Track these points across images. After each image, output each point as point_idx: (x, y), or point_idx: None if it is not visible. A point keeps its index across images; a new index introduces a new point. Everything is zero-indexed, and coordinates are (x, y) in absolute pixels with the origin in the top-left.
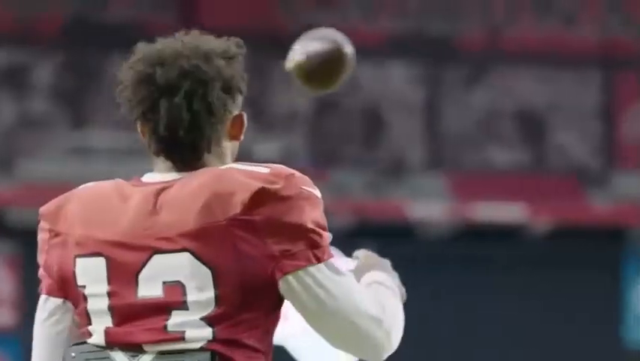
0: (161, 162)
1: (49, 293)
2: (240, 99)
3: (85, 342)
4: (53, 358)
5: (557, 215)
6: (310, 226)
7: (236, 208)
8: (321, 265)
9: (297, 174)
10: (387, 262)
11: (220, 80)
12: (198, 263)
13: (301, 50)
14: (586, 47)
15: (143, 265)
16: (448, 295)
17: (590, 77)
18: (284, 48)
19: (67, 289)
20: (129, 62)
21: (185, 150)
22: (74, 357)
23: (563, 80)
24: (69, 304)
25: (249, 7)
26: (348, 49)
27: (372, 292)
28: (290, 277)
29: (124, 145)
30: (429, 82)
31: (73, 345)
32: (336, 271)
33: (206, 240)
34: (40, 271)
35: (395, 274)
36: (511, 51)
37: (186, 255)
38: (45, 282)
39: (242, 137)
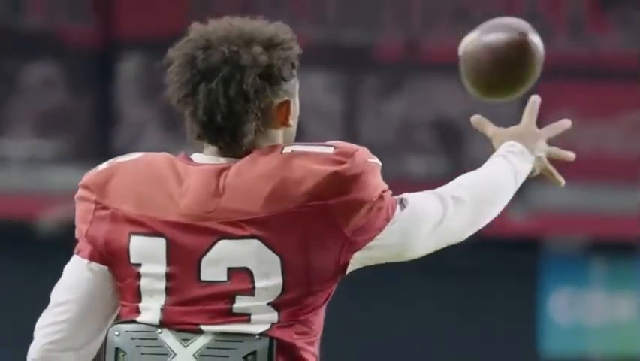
0: (205, 147)
1: (92, 259)
2: (286, 86)
3: (133, 321)
4: (92, 311)
5: None
6: (377, 195)
7: (307, 195)
8: (388, 225)
9: (360, 148)
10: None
11: (257, 67)
12: (267, 250)
13: (478, 42)
14: None
15: (208, 249)
16: (359, 303)
17: None
18: None
19: (115, 263)
20: (180, 42)
21: (225, 135)
22: (118, 335)
23: None
24: (111, 274)
25: (167, 16)
26: (536, 39)
27: (454, 186)
28: (361, 253)
29: (40, 154)
30: (346, 91)
31: (118, 323)
32: (401, 217)
33: (276, 227)
34: (80, 237)
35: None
36: (428, 61)
37: (255, 242)
38: (87, 249)
39: (292, 123)
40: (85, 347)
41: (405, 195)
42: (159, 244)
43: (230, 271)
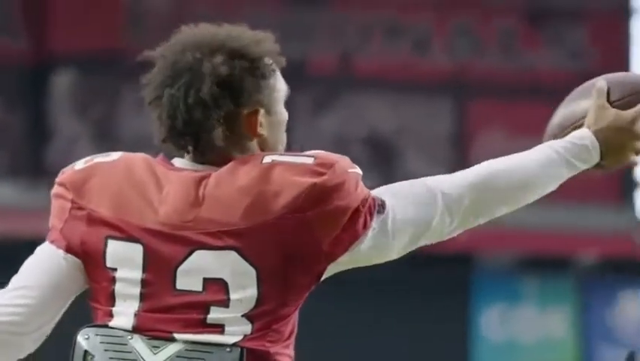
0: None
1: (68, 251)
2: (257, 96)
3: (104, 325)
4: (54, 300)
5: None
6: (356, 205)
7: (285, 207)
8: (365, 235)
9: (340, 158)
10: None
11: (215, 76)
12: (243, 262)
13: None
14: (437, 72)
15: (184, 258)
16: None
17: (441, 103)
18: (134, 72)
19: (90, 264)
20: (166, 44)
21: (187, 141)
22: (87, 338)
23: (414, 106)
24: (83, 268)
25: (100, 31)
26: None
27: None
28: (336, 261)
29: None
30: None
31: (88, 327)
32: (378, 225)
33: (254, 239)
34: (54, 231)
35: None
36: (362, 76)
37: (232, 253)
38: (62, 241)
39: (263, 133)
40: (37, 331)
41: (388, 199)
42: (136, 250)
43: (206, 281)
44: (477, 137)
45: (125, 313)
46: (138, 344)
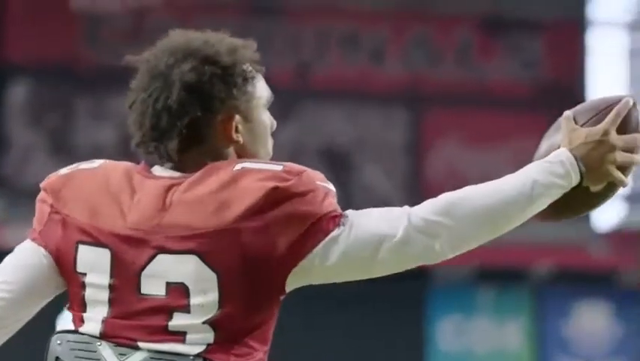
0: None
1: (47, 252)
2: (231, 102)
3: (76, 330)
4: (32, 295)
5: None
6: (317, 216)
7: (246, 210)
8: (322, 246)
9: (310, 170)
10: (555, 165)
11: (183, 82)
12: (204, 266)
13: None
14: (393, 83)
15: (147, 262)
16: None
17: (397, 114)
18: (90, 82)
19: (64, 268)
20: (153, 49)
21: (155, 146)
22: (60, 344)
23: (370, 116)
24: (58, 269)
25: (55, 41)
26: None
27: (432, 204)
28: (297, 272)
29: None
30: None
31: (61, 332)
32: (341, 239)
33: (215, 243)
34: (35, 232)
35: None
36: (318, 87)
37: (193, 257)
38: (41, 241)
39: (239, 139)
40: (13, 324)
41: (354, 218)
42: (104, 255)
43: (169, 285)
44: (433, 147)
45: (94, 319)
46: (106, 351)
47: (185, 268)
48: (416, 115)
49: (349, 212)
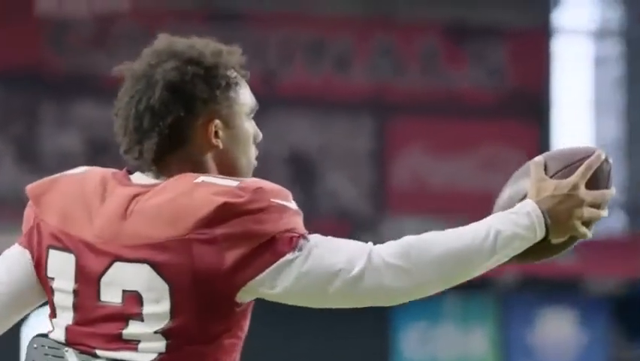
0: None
1: (30, 256)
2: (214, 105)
3: (47, 335)
4: (19, 299)
5: None
6: (269, 235)
7: (197, 224)
8: (273, 268)
9: (269, 187)
10: (521, 217)
11: (165, 81)
12: (156, 276)
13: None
14: (358, 91)
15: (105, 270)
16: None
17: (362, 122)
18: (55, 89)
19: (40, 273)
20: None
21: (138, 150)
22: (36, 348)
23: (336, 125)
24: (37, 274)
25: (20, 47)
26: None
27: (393, 245)
28: (248, 289)
29: None
30: None
31: (38, 336)
32: (295, 265)
33: (166, 254)
34: (22, 236)
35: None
36: (283, 95)
37: (145, 266)
38: (26, 244)
39: (218, 144)
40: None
41: (314, 244)
42: (70, 261)
43: (125, 293)
44: (398, 155)
45: (60, 325)
46: (72, 358)
47: (138, 276)
48: (382, 123)
49: (313, 237)
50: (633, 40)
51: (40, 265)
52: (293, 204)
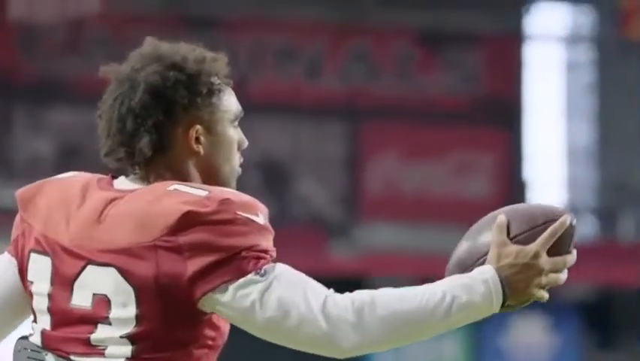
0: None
1: (16, 261)
2: (196, 111)
3: (28, 337)
4: (10, 306)
5: (299, 265)
6: (231, 249)
7: (162, 231)
8: (232, 287)
9: (237, 199)
10: (477, 284)
11: (146, 84)
12: (122, 280)
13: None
14: (330, 96)
15: (79, 273)
16: None
17: (335, 127)
18: (28, 95)
19: (22, 277)
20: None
21: (119, 153)
22: (19, 351)
23: (308, 130)
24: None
25: None
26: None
27: (353, 297)
28: (209, 301)
29: None
30: None
31: (22, 338)
32: (255, 289)
33: (132, 259)
34: (12, 242)
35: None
36: (255, 100)
37: (112, 270)
38: (13, 250)
39: (200, 150)
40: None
41: (276, 275)
42: (47, 264)
43: (94, 297)
44: (371, 160)
45: (37, 329)
46: None
47: (107, 280)
48: (354, 128)
49: (277, 267)
50: (604, 45)
51: (22, 271)
52: (261, 219)
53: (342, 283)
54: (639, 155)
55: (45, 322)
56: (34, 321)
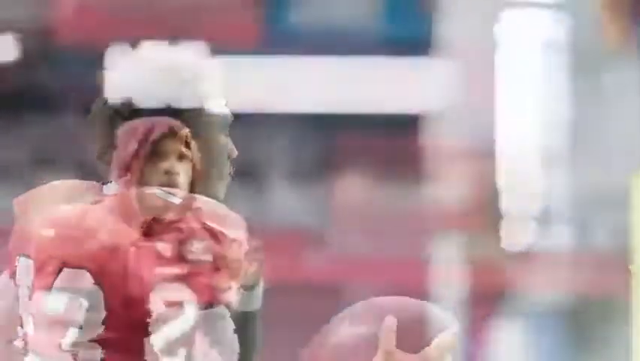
0: None
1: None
2: (174, 118)
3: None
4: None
5: (274, 272)
6: (198, 256)
7: (131, 235)
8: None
9: (208, 208)
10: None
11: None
12: (92, 283)
13: None
14: (306, 102)
15: (55, 276)
16: None
17: (311, 134)
18: (1, 102)
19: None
20: None
21: (108, 157)
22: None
23: (283, 136)
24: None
25: None
26: None
27: None
28: None
29: None
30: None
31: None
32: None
33: (103, 262)
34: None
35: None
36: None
37: (85, 273)
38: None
39: (188, 155)
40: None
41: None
42: (29, 267)
43: (69, 299)
44: (344, 168)
45: (21, 332)
46: None
47: (80, 283)
48: (331, 135)
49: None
50: (580, 52)
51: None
52: (232, 233)
53: (316, 290)
54: (615, 163)
55: (28, 326)
56: (20, 326)
